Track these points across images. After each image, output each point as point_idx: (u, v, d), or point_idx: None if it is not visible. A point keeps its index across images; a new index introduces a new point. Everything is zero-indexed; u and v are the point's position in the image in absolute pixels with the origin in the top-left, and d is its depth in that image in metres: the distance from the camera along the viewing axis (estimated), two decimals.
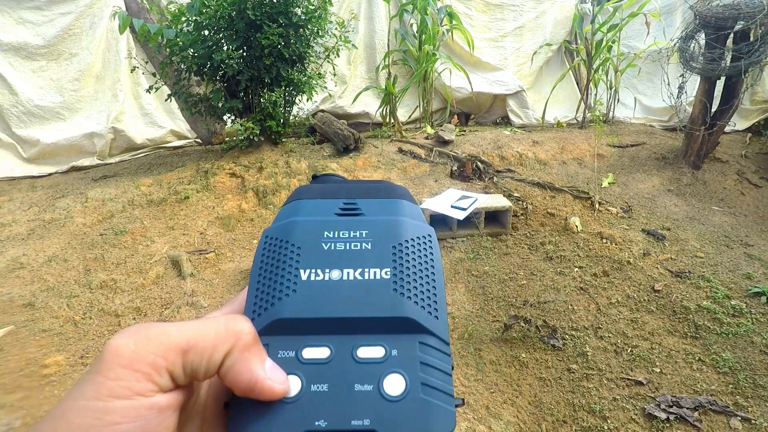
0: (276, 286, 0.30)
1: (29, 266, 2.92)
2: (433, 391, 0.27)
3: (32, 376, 2.03)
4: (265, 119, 4.15)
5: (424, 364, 0.27)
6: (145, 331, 0.25)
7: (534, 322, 2.29)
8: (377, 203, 0.35)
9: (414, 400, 0.26)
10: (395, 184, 0.38)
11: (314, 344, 0.28)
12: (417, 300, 0.29)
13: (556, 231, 3.21)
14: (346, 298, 0.29)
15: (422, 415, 0.26)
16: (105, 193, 3.77)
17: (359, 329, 0.28)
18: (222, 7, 3.68)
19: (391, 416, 0.26)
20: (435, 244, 0.33)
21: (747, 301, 2.44)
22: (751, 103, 5.24)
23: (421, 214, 0.36)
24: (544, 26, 6.02)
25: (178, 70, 4.06)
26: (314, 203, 0.35)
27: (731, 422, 1.75)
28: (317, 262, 0.30)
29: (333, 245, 0.31)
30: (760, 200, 3.94)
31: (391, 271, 0.30)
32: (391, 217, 0.34)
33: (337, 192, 0.36)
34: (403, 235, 0.32)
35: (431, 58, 5.18)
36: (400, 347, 0.28)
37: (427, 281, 0.30)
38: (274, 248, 0.32)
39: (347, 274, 0.30)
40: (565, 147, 4.59)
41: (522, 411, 1.86)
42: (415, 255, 0.31)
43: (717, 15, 3.72)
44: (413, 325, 0.28)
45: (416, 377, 0.27)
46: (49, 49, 4.82)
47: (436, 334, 0.29)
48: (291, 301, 0.29)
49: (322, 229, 0.32)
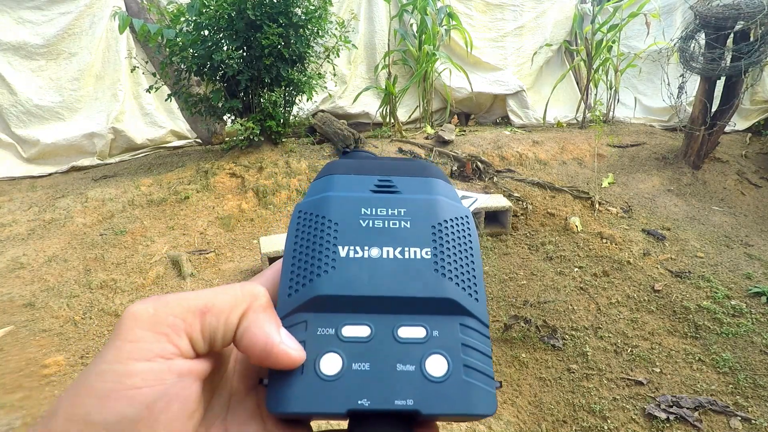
0: (314, 262, 0.29)
1: (29, 266, 2.92)
2: (475, 372, 0.26)
3: (32, 376, 2.03)
4: (265, 119, 4.15)
5: (465, 345, 0.27)
6: (163, 298, 0.25)
7: (534, 322, 2.29)
8: (413, 181, 0.34)
9: (457, 382, 0.26)
10: (428, 163, 0.37)
11: (354, 322, 0.27)
12: (458, 281, 0.29)
13: (556, 231, 3.21)
14: (387, 276, 0.28)
15: (465, 397, 0.26)
16: (105, 193, 3.77)
17: (400, 309, 0.28)
18: (222, 7, 3.67)
19: (434, 397, 0.25)
20: (473, 226, 0.33)
21: (747, 301, 2.44)
22: (751, 103, 5.24)
23: (456, 194, 0.35)
24: (544, 26, 6.02)
25: (178, 70, 4.06)
26: (348, 178, 0.34)
27: (731, 422, 1.75)
28: (356, 239, 0.30)
29: (371, 222, 0.31)
30: (760, 200, 3.94)
31: (432, 251, 0.30)
32: (428, 196, 0.33)
33: (370, 168, 0.35)
34: (442, 215, 0.32)
35: (431, 58, 5.18)
36: (442, 328, 0.27)
37: (467, 262, 0.30)
38: (310, 223, 0.31)
39: (387, 253, 0.29)
40: (565, 147, 4.59)
41: (522, 411, 1.86)
42: (455, 235, 0.31)
43: (717, 15, 3.72)
44: (455, 306, 0.28)
45: (458, 359, 0.26)
46: (49, 49, 4.82)
47: (476, 315, 0.28)
48: (330, 278, 0.28)
49: (358, 205, 0.32)
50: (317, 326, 0.27)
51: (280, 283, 0.29)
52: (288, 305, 0.28)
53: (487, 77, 5.86)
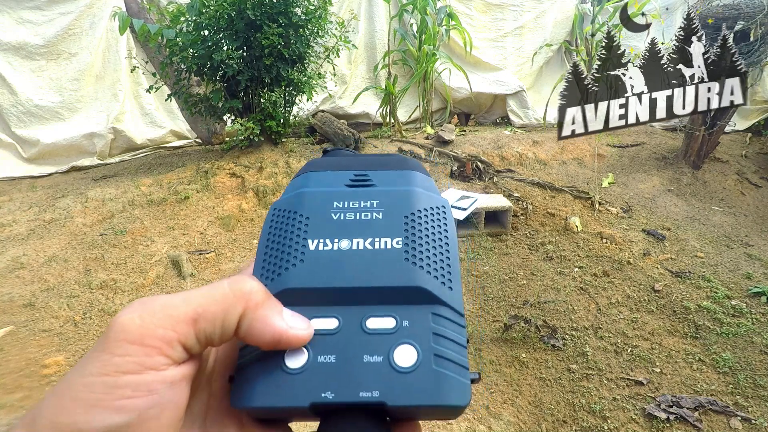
0: (283, 256, 0.29)
1: (29, 266, 2.92)
2: (446, 362, 0.25)
3: (32, 376, 2.03)
4: (265, 119, 4.15)
5: (437, 335, 0.26)
6: (150, 305, 0.24)
7: (534, 322, 2.29)
8: (389, 174, 0.34)
9: (426, 372, 0.25)
10: (408, 157, 0.36)
11: (322, 315, 0.27)
12: (430, 270, 0.28)
13: (556, 231, 3.21)
14: (356, 267, 0.28)
15: (435, 386, 0.25)
16: (105, 193, 3.77)
17: (369, 300, 0.27)
18: (222, 7, 3.67)
19: (402, 388, 0.24)
20: (449, 216, 0.32)
21: (747, 301, 2.44)
22: (751, 103, 5.24)
23: (435, 186, 0.34)
24: (544, 26, 6.02)
25: (178, 70, 4.06)
26: (324, 175, 0.34)
27: (731, 422, 1.75)
28: (326, 232, 0.29)
29: (343, 215, 0.30)
30: (760, 200, 3.94)
31: (403, 240, 0.29)
32: (403, 187, 0.32)
33: (347, 164, 0.35)
34: (416, 205, 0.31)
35: (431, 58, 5.18)
36: (412, 318, 0.27)
37: (440, 251, 0.29)
38: (282, 219, 0.31)
39: (357, 244, 0.29)
40: (565, 147, 4.59)
41: (522, 411, 1.86)
42: (428, 225, 0.30)
43: (717, 15, 3.72)
44: (426, 295, 0.27)
45: (429, 348, 0.26)
46: (49, 49, 4.82)
47: (449, 304, 0.27)
48: (298, 270, 0.28)
49: (331, 199, 0.31)
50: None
51: (253, 275, 0.29)
52: None
53: (487, 77, 5.86)
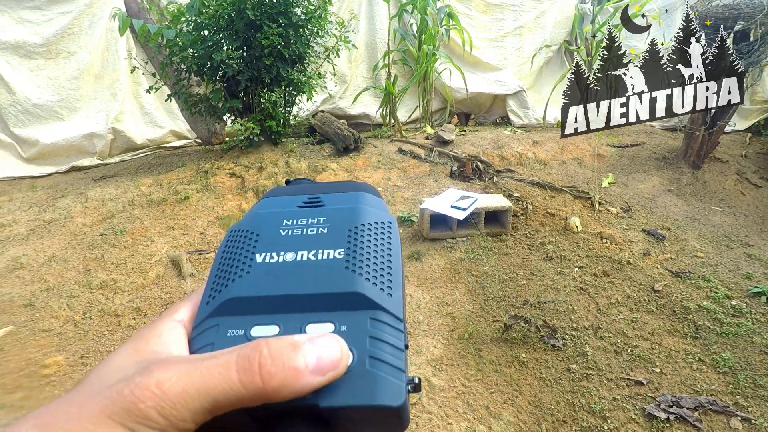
0: (231, 269, 0.30)
1: (29, 266, 2.92)
2: (381, 364, 0.26)
3: (32, 376, 2.03)
4: (265, 119, 4.15)
5: (373, 338, 0.27)
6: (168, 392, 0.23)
7: (534, 322, 2.29)
8: (340, 196, 0.36)
9: (360, 373, 0.25)
10: (362, 183, 0.38)
11: (263, 323, 0.27)
12: (369, 277, 0.29)
13: (556, 231, 3.21)
14: (298, 276, 0.29)
15: (368, 387, 0.25)
16: (105, 193, 3.77)
17: (310, 307, 0.28)
18: (222, 7, 3.67)
19: (335, 389, 0.25)
20: (395, 232, 0.33)
21: (747, 301, 2.44)
22: (751, 103, 5.24)
23: (385, 207, 0.36)
24: (544, 26, 6.03)
25: (178, 71, 4.06)
26: (280, 200, 0.36)
27: (731, 422, 1.75)
28: (273, 247, 0.31)
29: (291, 231, 0.32)
30: (760, 200, 3.94)
31: (345, 251, 0.30)
32: (350, 205, 0.34)
33: (304, 190, 0.37)
34: (360, 220, 0.32)
35: (431, 58, 5.18)
36: (350, 323, 0.27)
37: (381, 261, 0.30)
38: (236, 238, 0.32)
39: (301, 256, 0.30)
40: (565, 147, 4.59)
41: (522, 411, 1.86)
42: (371, 237, 0.31)
43: (717, 15, 3.72)
44: (364, 301, 0.28)
45: (365, 351, 0.26)
46: (48, 48, 4.81)
47: (388, 310, 0.28)
48: (243, 281, 0.29)
49: (281, 218, 0.33)
50: (228, 329, 0.27)
51: (203, 294, 0.30)
52: (204, 311, 0.29)
53: (487, 77, 5.86)
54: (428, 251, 3.01)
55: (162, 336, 0.28)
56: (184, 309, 0.31)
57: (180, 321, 0.30)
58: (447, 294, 2.61)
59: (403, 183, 3.94)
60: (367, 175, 3.99)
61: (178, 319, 0.30)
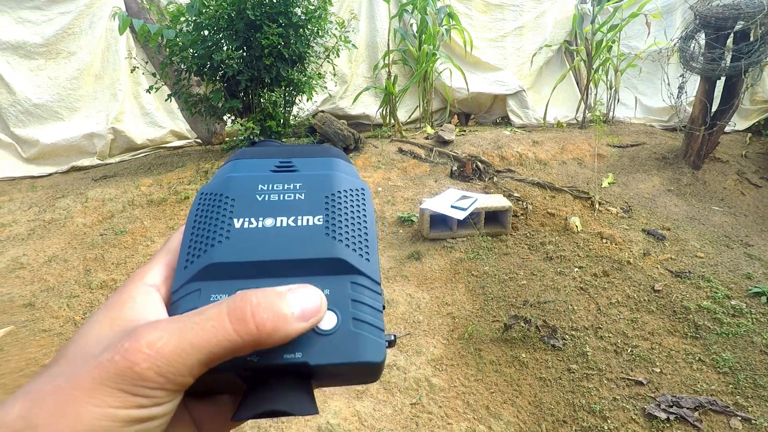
0: (209, 234, 0.30)
1: (29, 266, 2.92)
2: (363, 324, 0.27)
3: (32, 377, 2.03)
4: (265, 119, 4.15)
5: (355, 301, 0.28)
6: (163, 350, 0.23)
7: (534, 322, 2.29)
8: (312, 161, 0.36)
9: (345, 333, 0.27)
10: (332, 147, 0.38)
11: (246, 287, 0.27)
12: (348, 243, 0.30)
13: (556, 231, 3.21)
14: (280, 242, 0.29)
15: (353, 345, 0.27)
16: (105, 193, 3.77)
17: (292, 272, 0.29)
18: (222, 7, 3.68)
19: (323, 349, 0.26)
20: (368, 198, 0.34)
21: (747, 301, 2.44)
22: (751, 103, 5.24)
23: (356, 173, 0.37)
24: (544, 26, 6.02)
25: (178, 70, 4.06)
26: (250, 162, 0.35)
27: (731, 422, 1.75)
28: (251, 212, 0.31)
29: (267, 197, 0.32)
30: (760, 200, 3.94)
31: (324, 217, 0.31)
32: (324, 171, 0.34)
33: (273, 153, 0.37)
34: (336, 187, 0.33)
35: (431, 58, 5.18)
36: (332, 286, 0.28)
37: (358, 227, 0.31)
38: (209, 202, 0.32)
39: (281, 222, 0.31)
40: (565, 147, 4.59)
41: (522, 411, 1.86)
42: (347, 204, 0.32)
43: (717, 15, 3.72)
44: (345, 266, 0.29)
45: (348, 312, 0.27)
46: (48, 48, 4.81)
47: (367, 274, 0.29)
48: (224, 246, 0.29)
49: (256, 182, 0.33)
50: (211, 293, 0.27)
51: (178, 258, 0.30)
52: (183, 276, 0.29)
53: (487, 77, 5.86)
54: (428, 251, 3.01)
55: (136, 302, 0.27)
56: (155, 271, 0.30)
57: (152, 285, 0.29)
58: (447, 294, 2.61)
59: (403, 183, 3.94)
60: (367, 175, 3.99)
61: (150, 283, 0.29)
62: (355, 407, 1.83)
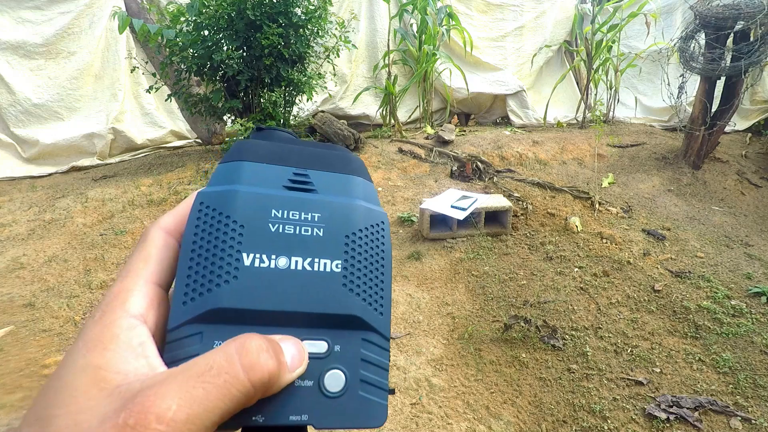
0: (214, 269, 0.26)
1: (29, 266, 2.92)
2: (370, 387, 0.27)
3: (32, 377, 2.03)
4: (265, 119, 4.15)
5: (364, 360, 0.27)
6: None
7: (534, 322, 2.29)
8: (331, 178, 0.32)
9: (352, 397, 0.26)
10: (350, 154, 0.35)
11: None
12: (365, 297, 0.29)
13: (556, 231, 3.21)
14: (293, 290, 0.27)
15: (358, 410, 0.26)
16: (105, 193, 3.77)
17: (303, 323, 0.27)
18: (222, 7, 3.68)
19: (329, 412, 0.26)
20: (387, 234, 0.32)
21: (747, 301, 2.44)
22: (751, 103, 5.24)
23: (376, 194, 0.34)
24: (544, 26, 6.03)
25: (178, 70, 4.06)
26: (260, 168, 0.31)
27: (731, 422, 1.75)
28: (263, 246, 0.28)
29: (281, 227, 0.29)
30: (760, 200, 3.94)
31: (342, 263, 0.29)
32: (345, 200, 0.31)
33: (286, 156, 0.32)
34: (357, 224, 0.30)
35: (431, 58, 5.18)
36: (343, 343, 0.27)
37: (376, 275, 0.30)
38: (213, 221, 0.28)
39: (296, 263, 0.28)
40: (565, 147, 4.59)
41: (522, 411, 1.86)
42: (367, 247, 0.30)
43: (717, 15, 3.72)
44: (359, 322, 0.28)
45: (356, 374, 0.27)
46: (48, 48, 4.81)
47: (379, 330, 0.29)
48: (231, 288, 0.26)
49: (269, 205, 0.29)
50: (214, 339, 0.25)
51: (176, 285, 0.27)
52: (182, 314, 0.26)
53: (487, 77, 5.86)
54: (428, 251, 3.01)
55: (120, 342, 0.23)
56: (137, 294, 0.26)
57: (137, 316, 0.25)
58: (447, 294, 2.61)
59: (403, 183, 3.94)
60: None
61: (135, 313, 0.25)
62: None
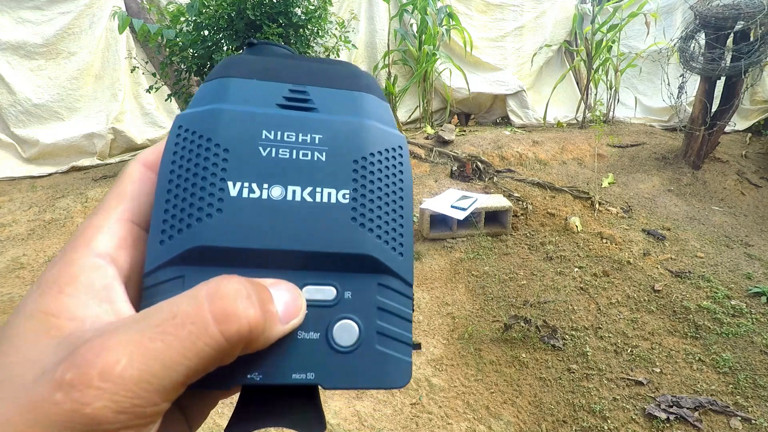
0: (194, 201, 0.22)
1: (29, 266, 2.92)
2: (390, 341, 0.23)
3: None
4: None
5: (382, 309, 0.23)
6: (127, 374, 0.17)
7: (534, 322, 2.29)
8: (335, 95, 0.27)
9: (368, 352, 0.22)
10: (360, 69, 0.29)
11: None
12: (380, 234, 0.24)
13: (556, 231, 3.21)
14: (291, 224, 0.23)
15: (376, 369, 0.22)
16: (105, 193, 3.77)
17: (306, 264, 0.23)
18: (222, 7, 3.67)
19: (340, 370, 0.22)
20: (406, 160, 0.26)
21: (747, 301, 2.44)
22: (751, 103, 5.24)
23: (392, 116, 0.28)
24: (544, 26, 6.03)
25: (178, 70, 4.06)
26: (248, 85, 0.26)
27: (731, 422, 1.75)
28: (252, 173, 0.23)
29: (274, 150, 0.24)
30: (760, 200, 3.94)
31: (351, 194, 0.24)
32: (353, 118, 0.26)
33: (280, 72, 0.27)
34: (369, 147, 0.25)
35: (431, 58, 5.18)
36: (356, 289, 0.23)
37: (393, 209, 0.25)
38: (192, 146, 0.24)
39: (293, 193, 0.23)
40: (565, 147, 4.59)
41: (522, 411, 1.86)
42: (382, 174, 0.25)
43: (717, 15, 3.72)
44: (374, 263, 0.23)
45: (372, 325, 0.23)
46: (48, 48, 4.81)
47: (399, 274, 0.24)
48: (215, 223, 0.22)
49: (259, 126, 0.24)
50: (197, 283, 0.21)
51: (152, 222, 0.22)
52: (159, 255, 0.22)
53: (487, 77, 5.86)
54: (428, 251, 3.01)
55: (79, 284, 0.20)
56: (107, 231, 0.22)
57: (104, 255, 0.21)
58: (447, 294, 2.61)
59: None
60: None
61: (101, 252, 0.21)
62: (355, 407, 1.83)
